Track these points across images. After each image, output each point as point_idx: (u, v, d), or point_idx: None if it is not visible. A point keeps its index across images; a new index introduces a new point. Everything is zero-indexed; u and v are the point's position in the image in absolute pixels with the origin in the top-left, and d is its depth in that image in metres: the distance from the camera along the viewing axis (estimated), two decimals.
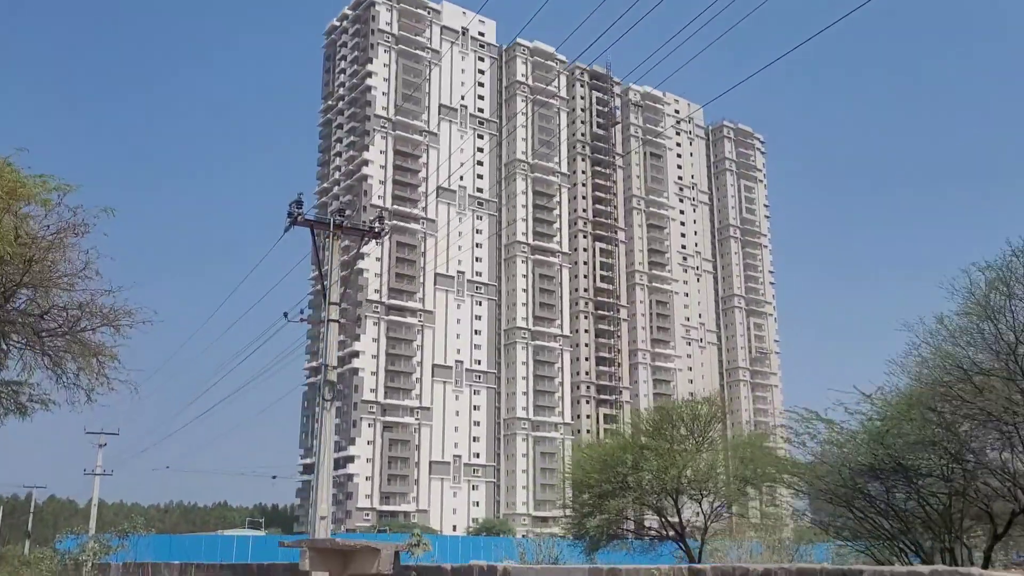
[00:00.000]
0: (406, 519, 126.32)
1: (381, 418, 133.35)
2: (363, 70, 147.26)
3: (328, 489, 14.81)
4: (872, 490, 19.50)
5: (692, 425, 25.83)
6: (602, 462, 25.13)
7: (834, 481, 19.26)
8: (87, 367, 14.34)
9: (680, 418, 26.08)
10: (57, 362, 14.58)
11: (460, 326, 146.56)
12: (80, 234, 13.34)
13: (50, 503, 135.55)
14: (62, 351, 14.36)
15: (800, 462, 20.57)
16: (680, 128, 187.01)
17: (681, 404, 26.45)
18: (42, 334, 14.18)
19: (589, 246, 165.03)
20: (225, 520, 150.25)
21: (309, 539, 10.41)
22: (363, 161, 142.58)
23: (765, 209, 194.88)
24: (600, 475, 24.74)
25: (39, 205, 13.01)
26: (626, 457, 25.14)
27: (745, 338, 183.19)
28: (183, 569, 23.80)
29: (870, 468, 18.56)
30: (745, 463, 25.36)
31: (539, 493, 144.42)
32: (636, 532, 26.52)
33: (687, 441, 25.69)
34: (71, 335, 14.29)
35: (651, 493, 24.86)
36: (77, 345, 14.23)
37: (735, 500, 25.19)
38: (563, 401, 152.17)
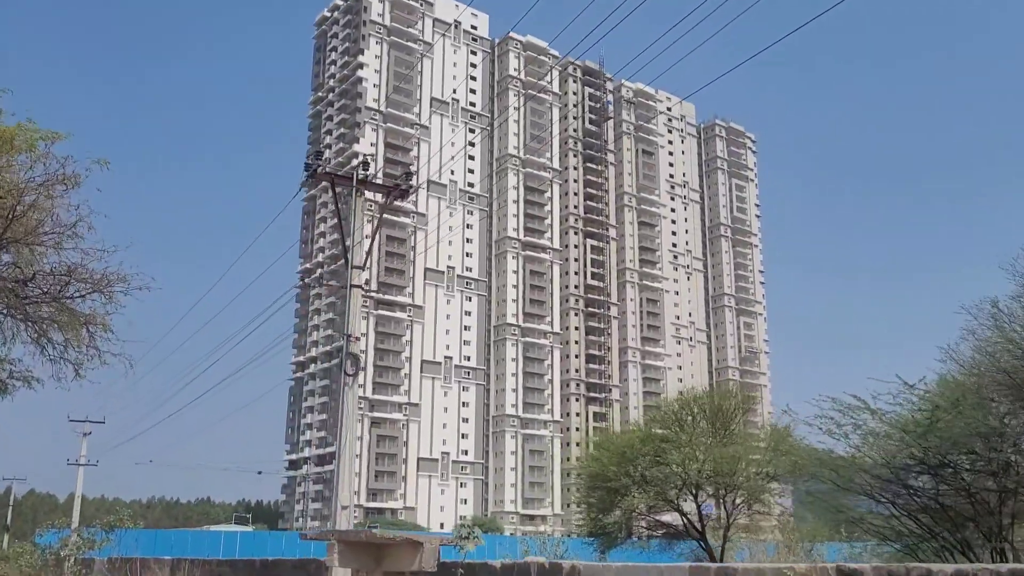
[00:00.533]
0: (393, 516, 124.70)
1: (369, 414, 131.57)
2: (354, 61, 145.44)
3: (350, 475, 13.35)
4: (918, 485, 18.21)
5: (715, 417, 24.48)
6: (620, 455, 23.73)
7: (879, 475, 17.91)
8: (75, 338, 12.78)
9: (702, 410, 24.73)
10: (42, 332, 13.01)
11: (450, 322, 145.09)
12: (70, 185, 11.79)
13: (29, 497, 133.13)
14: (47, 320, 12.80)
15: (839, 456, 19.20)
16: (672, 126, 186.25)
17: (702, 395, 25.08)
18: (25, 300, 12.61)
19: (580, 243, 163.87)
20: (208, 516, 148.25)
21: (336, 530, 8.92)
22: (353, 153, 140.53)
23: (756, 208, 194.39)
24: (619, 468, 23.34)
25: (24, 152, 11.46)
26: (645, 450, 23.75)
27: (735, 337, 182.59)
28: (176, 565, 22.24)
29: (919, 461, 17.25)
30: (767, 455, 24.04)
31: (527, 491, 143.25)
32: (654, 529, 25.15)
33: (709, 434, 24.33)
34: (58, 302, 12.72)
35: (672, 488, 23.49)
36: (65, 313, 12.67)
37: (759, 496, 23.87)
38: (552, 399, 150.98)
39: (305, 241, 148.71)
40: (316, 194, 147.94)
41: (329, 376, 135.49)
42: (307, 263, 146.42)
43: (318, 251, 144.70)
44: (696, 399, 24.96)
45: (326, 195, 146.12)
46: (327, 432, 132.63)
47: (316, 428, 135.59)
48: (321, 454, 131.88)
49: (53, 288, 12.66)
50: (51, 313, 12.67)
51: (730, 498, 23.89)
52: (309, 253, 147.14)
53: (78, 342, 12.81)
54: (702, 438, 24.26)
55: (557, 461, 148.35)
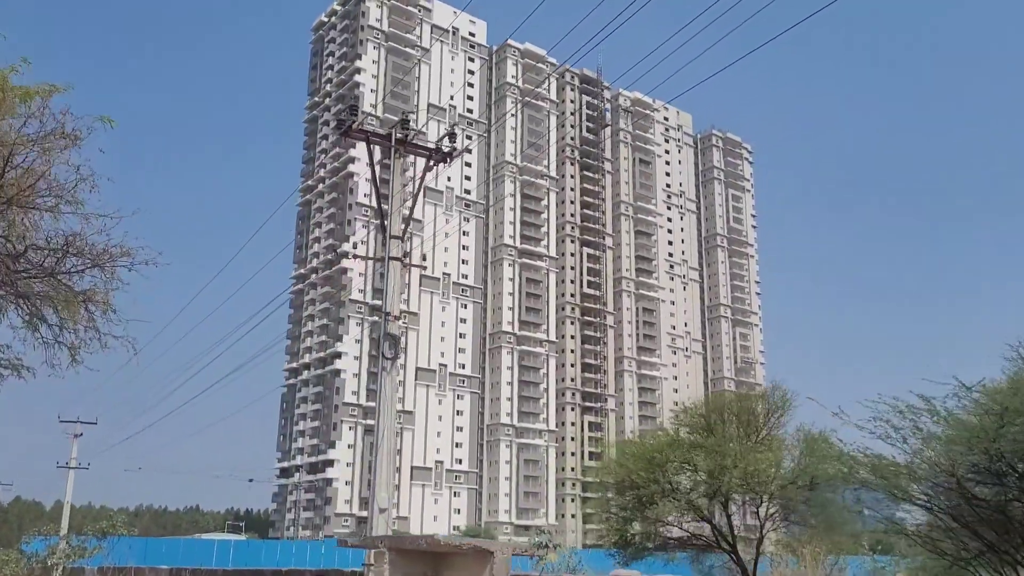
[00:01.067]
0: None
1: (362, 421, 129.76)
2: (351, 67, 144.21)
3: (389, 473, 11.88)
4: (981, 494, 16.84)
5: (748, 421, 23.10)
6: (647, 460, 22.31)
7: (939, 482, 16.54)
8: (73, 317, 11.31)
9: (733, 414, 23.35)
10: (35, 311, 11.53)
11: (445, 329, 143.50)
12: (71, 142, 10.35)
13: (15, 504, 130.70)
14: (40, 296, 11.33)
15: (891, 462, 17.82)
16: (669, 136, 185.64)
17: (733, 398, 23.70)
18: (17, 275, 11.14)
19: (576, 251, 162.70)
20: (198, 525, 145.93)
21: (388, 536, 7.49)
22: (349, 158, 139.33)
23: (752, 219, 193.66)
24: (646, 474, 21.91)
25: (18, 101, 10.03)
26: (674, 455, 22.35)
27: (731, 348, 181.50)
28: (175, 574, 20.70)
29: (984, 469, 15.90)
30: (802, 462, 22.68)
31: (522, 501, 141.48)
32: (682, 540, 23.71)
33: (740, 439, 22.93)
34: (53, 277, 11.25)
35: (702, 496, 22.10)
36: (61, 289, 11.20)
37: (796, 506, 22.48)
38: (548, 408, 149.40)
39: (300, 246, 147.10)
40: (311, 199, 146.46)
41: (322, 383, 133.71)
42: (301, 268, 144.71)
43: (312, 256, 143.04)
44: (727, 403, 23.55)
45: (321, 200, 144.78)
46: (320, 440, 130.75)
47: (309, 435, 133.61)
48: (313, 462, 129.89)
49: (48, 261, 11.19)
50: (45, 289, 11.19)
51: (764, 508, 22.53)
52: (303, 259, 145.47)
53: (75, 321, 11.33)
54: (732, 444, 22.89)
55: (552, 471, 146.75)
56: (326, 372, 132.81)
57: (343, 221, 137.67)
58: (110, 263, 11.34)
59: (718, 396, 23.93)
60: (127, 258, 11.36)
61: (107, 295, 11.23)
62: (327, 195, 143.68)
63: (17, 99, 10.29)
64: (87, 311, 11.37)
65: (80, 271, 11.34)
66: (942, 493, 17.15)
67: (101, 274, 11.68)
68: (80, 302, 11.15)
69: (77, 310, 11.19)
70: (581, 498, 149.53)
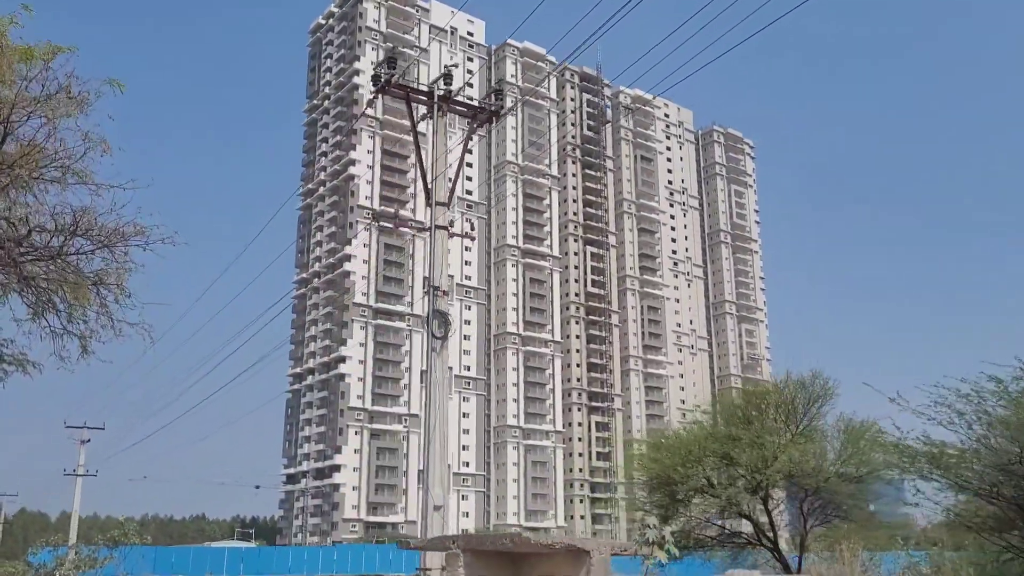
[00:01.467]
0: (394, 530, 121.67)
1: (368, 425, 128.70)
2: (350, 68, 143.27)
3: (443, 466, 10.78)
4: None
5: (789, 410, 21.99)
6: (684, 455, 21.20)
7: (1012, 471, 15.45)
8: (82, 302, 10.22)
9: (771, 404, 22.24)
10: (42, 298, 10.45)
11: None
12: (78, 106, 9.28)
13: (20, 516, 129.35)
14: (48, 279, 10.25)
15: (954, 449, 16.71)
16: (670, 132, 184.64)
17: (772, 387, 22.57)
18: (21, 259, 10.07)
19: (580, 250, 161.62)
20: (204, 533, 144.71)
21: (460, 535, 6.39)
22: (350, 161, 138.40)
23: (755, 214, 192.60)
24: (685, 469, 20.81)
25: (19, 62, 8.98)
26: (712, 448, 21.26)
27: (736, 345, 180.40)
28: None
29: None
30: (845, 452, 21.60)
31: (530, 503, 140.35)
32: (721, 538, 22.60)
33: (782, 431, 21.83)
34: (61, 259, 10.17)
35: (742, 492, 20.99)
36: (70, 272, 10.12)
37: (844, 499, 21.39)
38: (554, 409, 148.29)
39: (301, 251, 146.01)
40: (312, 203, 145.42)
41: (327, 388, 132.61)
42: (303, 272, 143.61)
43: (314, 260, 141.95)
44: (766, 392, 22.43)
45: (322, 203, 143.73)
46: (326, 445, 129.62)
47: (315, 441, 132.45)
48: (320, 467, 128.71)
49: (55, 241, 10.10)
50: (54, 272, 10.10)
51: (807, 502, 21.44)
52: (305, 263, 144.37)
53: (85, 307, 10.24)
54: (773, 436, 21.79)
55: (560, 472, 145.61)
56: (330, 377, 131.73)
57: (344, 224, 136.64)
58: (123, 242, 10.26)
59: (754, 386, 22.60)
60: (141, 237, 10.28)
61: (120, 277, 10.15)
62: (328, 198, 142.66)
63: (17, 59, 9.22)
64: (99, 295, 10.28)
65: (90, 251, 10.26)
66: (1010, 482, 16.08)
67: (112, 255, 10.60)
68: (92, 285, 10.06)
69: (87, 294, 10.11)
70: (590, 499, 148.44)
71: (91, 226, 10.22)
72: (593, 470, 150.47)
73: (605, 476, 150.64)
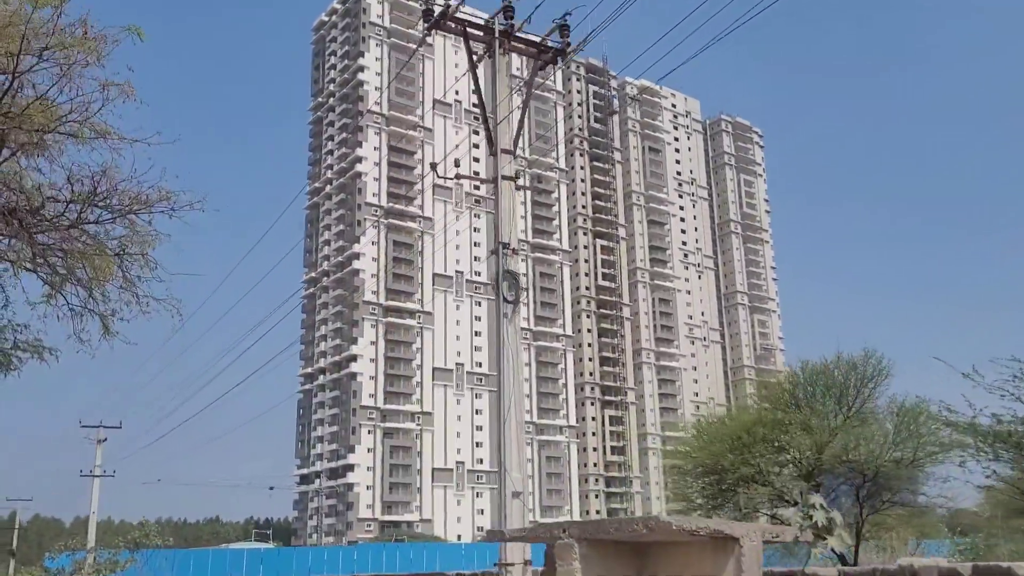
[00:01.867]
0: (409, 529, 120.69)
1: (381, 424, 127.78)
2: (354, 64, 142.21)
3: (520, 447, 9.67)
4: None
5: (840, 392, 20.85)
6: (734, 440, 20.08)
7: None
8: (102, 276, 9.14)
9: (825, 386, 21.09)
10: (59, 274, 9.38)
11: (460, 327, 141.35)
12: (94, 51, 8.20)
13: (35, 522, 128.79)
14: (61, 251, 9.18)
15: None
16: (677, 123, 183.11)
17: (822, 367, 21.41)
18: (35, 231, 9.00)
19: (590, 243, 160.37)
20: (219, 535, 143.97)
21: (570, 522, 5.27)
22: (356, 158, 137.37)
23: (766, 204, 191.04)
24: (735, 456, 19.69)
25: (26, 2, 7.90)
26: (762, 434, 20.13)
27: (749, 336, 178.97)
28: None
29: None
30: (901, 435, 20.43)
31: (545, 499, 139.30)
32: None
33: (834, 414, 20.70)
34: (78, 227, 9.08)
35: (797, 478, 19.87)
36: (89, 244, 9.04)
37: (900, 485, 20.26)
38: (567, 403, 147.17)
39: (309, 250, 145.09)
40: (319, 202, 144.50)
41: (338, 387, 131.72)
42: (312, 272, 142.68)
43: (323, 259, 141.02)
44: (817, 372, 21.27)
45: (329, 202, 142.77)
46: (339, 445, 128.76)
47: (327, 441, 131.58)
48: (334, 467, 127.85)
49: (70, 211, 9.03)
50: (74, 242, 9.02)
51: (866, 489, 20.30)
52: (314, 262, 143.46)
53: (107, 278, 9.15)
54: (823, 420, 20.66)
55: (574, 467, 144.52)
56: (342, 376, 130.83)
57: (352, 222, 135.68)
58: (147, 209, 9.18)
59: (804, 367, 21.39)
60: (166, 203, 9.20)
61: (146, 245, 9.07)
62: (335, 196, 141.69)
63: None
64: (122, 268, 9.20)
65: (111, 220, 9.17)
66: None
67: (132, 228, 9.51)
68: (115, 255, 8.98)
69: (111, 266, 9.03)
70: (605, 493, 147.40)
71: (112, 191, 9.13)
72: (608, 464, 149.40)
73: (620, 470, 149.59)
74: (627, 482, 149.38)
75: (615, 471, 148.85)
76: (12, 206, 9.50)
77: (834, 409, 21.02)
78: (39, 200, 9.73)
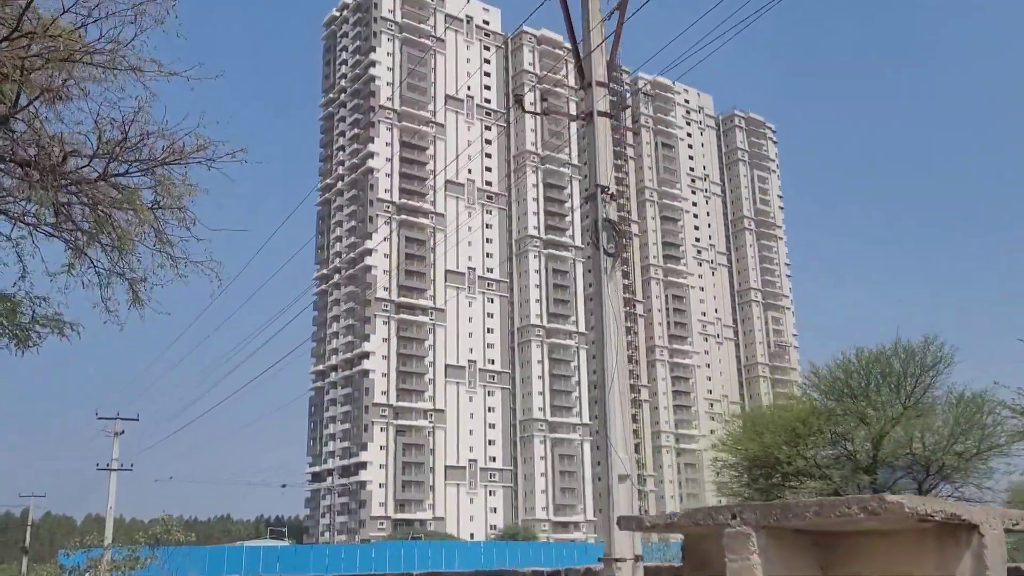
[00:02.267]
0: (422, 527, 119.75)
1: (394, 422, 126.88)
2: (366, 60, 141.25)
3: (625, 421, 8.50)
4: None
5: (900, 382, 19.70)
6: (788, 431, 18.95)
7: None
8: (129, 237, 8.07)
9: (881, 374, 19.95)
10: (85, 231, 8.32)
11: (472, 324, 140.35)
12: None
13: (46, 520, 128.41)
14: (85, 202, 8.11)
15: None
16: (690, 119, 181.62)
17: (878, 353, 20.26)
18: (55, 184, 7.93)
19: None
20: (230, 534, 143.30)
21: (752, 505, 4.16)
22: (368, 154, 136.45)
23: (779, 200, 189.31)
24: (789, 448, 18.55)
25: None
26: (818, 425, 18.99)
27: (763, 332, 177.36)
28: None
29: None
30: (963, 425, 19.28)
31: (559, 497, 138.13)
32: None
33: (893, 404, 19.54)
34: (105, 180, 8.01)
35: (856, 472, 18.73)
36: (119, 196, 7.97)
37: (966, 476, 19.15)
38: (580, 401, 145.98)
39: (321, 247, 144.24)
40: (330, 198, 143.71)
41: (351, 384, 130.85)
42: (323, 269, 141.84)
43: (334, 256, 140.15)
44: (873, 359, 20.11)
45: (341, 198, 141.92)
46: (351, 442, 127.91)
47: (340, 439, 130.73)
48: (346, 465, 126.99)
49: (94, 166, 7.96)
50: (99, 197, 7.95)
51: (927, 484, 19.17)
52: (325, 259, 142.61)
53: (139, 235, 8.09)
54: (878, 410, 19.51)
55: (588, 466, 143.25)
56: (354, 373, 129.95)
57: (364, 218, 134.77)
58: (182, 160, 8.11)
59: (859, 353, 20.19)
60: (203, 152, 8.13)
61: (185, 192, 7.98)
62: (346, 192, 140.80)
63: None
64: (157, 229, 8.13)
65: (143, 172, 8.10)
66: None
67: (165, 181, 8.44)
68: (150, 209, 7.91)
69: (148, 215, 7.96)
70: None
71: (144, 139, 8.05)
72: None
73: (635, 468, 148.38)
74: (641, 481, 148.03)
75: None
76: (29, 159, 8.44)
77: (891, 399, 19.87)
78: (60, 153, 8.68)
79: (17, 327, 10.01)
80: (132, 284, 8.46)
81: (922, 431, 18.38)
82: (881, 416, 19.26)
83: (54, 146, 8.69)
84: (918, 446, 18.47)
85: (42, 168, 8.42)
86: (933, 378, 19.82)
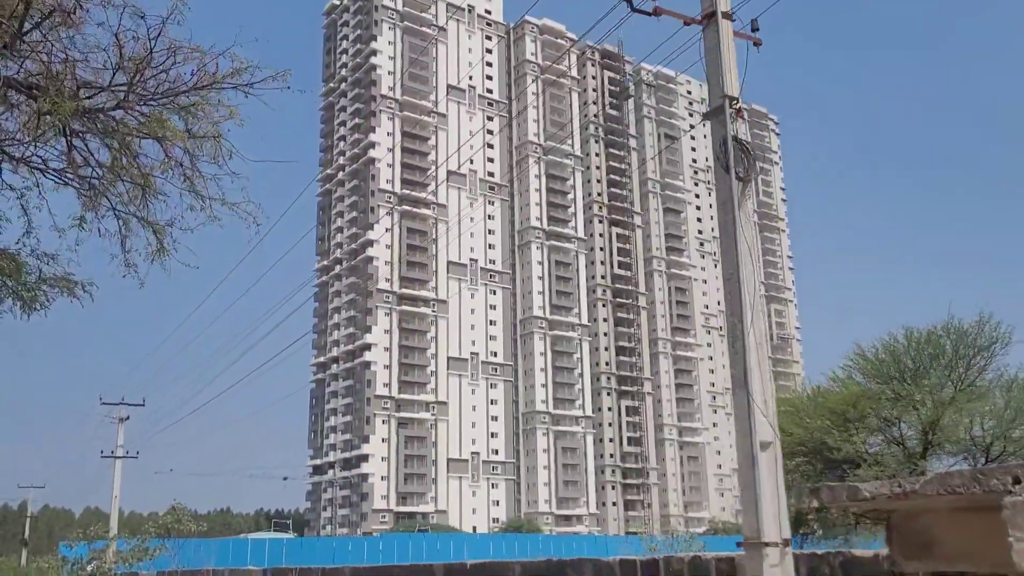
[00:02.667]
0: (424, 520, 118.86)
1: (396, 414, 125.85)
2: (367, 48, 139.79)
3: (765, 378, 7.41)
4: None
5: (952, 363, 18.62)
6: (838, 416, 17.88)
7: None
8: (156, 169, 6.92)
9: (931, 355, 18.87)
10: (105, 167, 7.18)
11: (474, 316, 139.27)
12: None
13: (44, 512, 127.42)
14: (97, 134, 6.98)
15: None
16: (693, 109, 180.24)
17: (928, 334, 19.16)
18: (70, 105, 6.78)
19: (605, 231, 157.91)
20: (230, 527, 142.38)
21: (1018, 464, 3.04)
22: (369, 144, 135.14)
23: (782, 192, 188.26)
24: (840, 434, 17.48)
25: None
26: (868, 408, 17.93)
27: (766, 325, 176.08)
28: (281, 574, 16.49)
29: None
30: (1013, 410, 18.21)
31: (561, 490, 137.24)
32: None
33: (945, 387, 18.46)
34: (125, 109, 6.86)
35: (910, 460, 17.66)
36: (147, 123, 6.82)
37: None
38: (583, 393, 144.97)
39: (322, 237, 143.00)
40: (331, 188, 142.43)
41: (352, 376, 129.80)
42: (324, 260, 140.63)
43: (336, 247, 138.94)
44: (923, 340, 19.01)
45: (342, 188, 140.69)
46: (352, 435, 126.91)
47: (341, 431, 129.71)
48: (347, 458, 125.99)
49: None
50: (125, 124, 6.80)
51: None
52: (326, 250, 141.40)
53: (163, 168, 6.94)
54: (933, 394, 18.43)
55: (591, 458, 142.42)
56: (355, 365, 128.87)
57: (365, 209, 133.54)
58: (216, 85, 6.97)
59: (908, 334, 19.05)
60: (237, 77, 6.98)
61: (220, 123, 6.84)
62: (347, 183, 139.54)
63: None
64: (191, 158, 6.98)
65: (170, 99, 6.96)
66: None
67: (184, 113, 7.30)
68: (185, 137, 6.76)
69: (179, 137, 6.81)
70: (623, 484, 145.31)
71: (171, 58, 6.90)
72: (624, 456, 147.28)
73: (636, 461, 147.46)
74: (644, 473, 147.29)
75: (632, 462, 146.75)
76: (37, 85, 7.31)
77: (943, 381, 18.79)
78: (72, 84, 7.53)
79: (22, 287, 8.91)
80: (156, 231, 7.32)
81: (982, 415, 17.32)
82: (934, 399, 18.17)
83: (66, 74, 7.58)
84: (977, 431, 17.41)
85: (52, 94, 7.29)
86: (988, 360, 18.75)
